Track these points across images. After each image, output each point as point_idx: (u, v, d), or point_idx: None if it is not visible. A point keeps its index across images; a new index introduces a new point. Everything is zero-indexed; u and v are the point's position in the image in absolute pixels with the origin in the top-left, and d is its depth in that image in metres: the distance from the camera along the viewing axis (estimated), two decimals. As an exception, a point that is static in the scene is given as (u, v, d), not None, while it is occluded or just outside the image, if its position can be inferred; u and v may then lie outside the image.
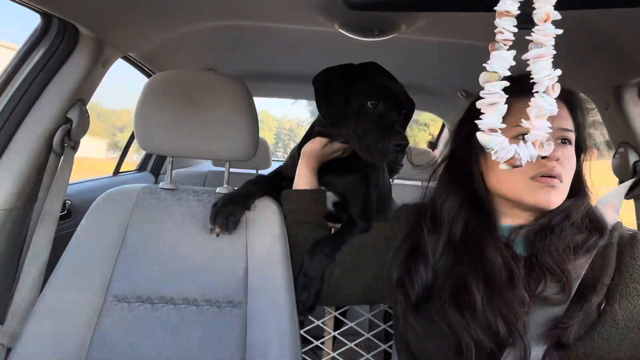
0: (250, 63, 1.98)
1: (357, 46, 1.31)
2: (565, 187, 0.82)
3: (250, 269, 1.10)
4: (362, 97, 1.12)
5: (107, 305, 1.04)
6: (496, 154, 0.57)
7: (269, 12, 1.21)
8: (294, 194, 1.18)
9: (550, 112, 0.54)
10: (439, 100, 2.48)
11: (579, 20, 0.94)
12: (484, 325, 0.76)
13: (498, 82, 0.55)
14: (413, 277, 0.85)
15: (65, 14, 1.06)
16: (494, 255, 0.80)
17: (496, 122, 0.56)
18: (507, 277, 0.79)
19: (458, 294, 0.80)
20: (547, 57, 0.53)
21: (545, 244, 0.80)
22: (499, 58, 0.54)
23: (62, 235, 1.14)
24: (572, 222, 0.82)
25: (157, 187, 1.19)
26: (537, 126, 0.55)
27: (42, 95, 1.13)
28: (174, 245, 1.11)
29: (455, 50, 1.52)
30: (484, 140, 0.57)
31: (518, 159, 0.57)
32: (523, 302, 0.76)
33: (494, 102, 0.55)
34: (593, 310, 0.75)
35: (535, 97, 0.55)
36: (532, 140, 0.56)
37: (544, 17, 0.51)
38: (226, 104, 1.17)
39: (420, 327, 0.83)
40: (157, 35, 1.38)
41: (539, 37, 0.52)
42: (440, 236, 0.87)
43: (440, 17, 1.13)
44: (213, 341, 1.04)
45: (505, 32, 0.53)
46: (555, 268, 0.77)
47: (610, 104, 1.24)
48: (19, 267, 1.10)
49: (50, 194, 1.14)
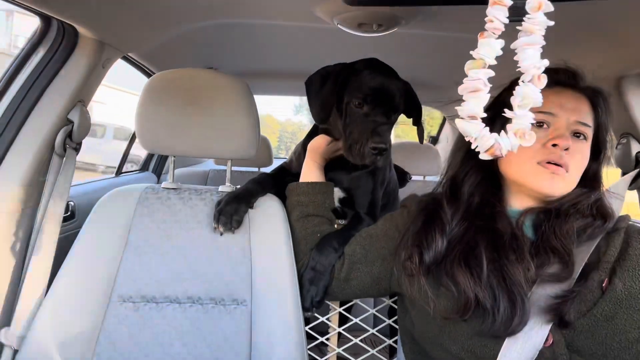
0: (250, 61, 1.98)
1: (356, 42, 1.30)
2: (571, 178, 0.84)
3: (254, 266, 1.10)
4: (348, 96, 1.11)
5: (112, 305, 1.05)
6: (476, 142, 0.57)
7: (269, 10, 1.21)
8: (303, 186, 1.18)
9: (534, 102, 0.54)
10: (439, 95, 2.47)
11: (580, 11, 0.93)
12: (486, 286, 0.79)
13: (483, 69, 0.55)
14: (429, 241, 0.89)
15: (64, 15, 1.06)
16: (505, 227, 0.84)
17: (477, 110, 0.56)
18: (514, 250, 0.81)
19: (467, 256, 0.83)
20: (536, 46, 0.52)
21: (551, 225, 0.82)
22: (487, 46, 0.54)
23: (66, 236, 1.15)
24: (579, 210, 0.84)
25: (160, 187, 1.19)
26: (520, 115, 0.55)
27: (43, 97, 1.14)
28: (177, 244, 1.11)
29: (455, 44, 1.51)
30: (463, 127, 0.57)
31: (498, 149, 0.56)
32: (527, 278, 0.79)
33: (477, 90, 0.55)
34: (595, 287, 0.77)
35: (520, 85, 0.54)
36: (514, 130, 0.55)
37: (536, 6, 0.51)
38: (227, 103, 1.17)
39: (429, 287, 0.86)
40: (157, 35, 1.37)
41: (528, 25, 0.52)
42: (459, 206, 0.90)
43: (439, 11, 1.13)
44: (218, 339, 1.04)
45: (495, 20, 0.53)
46: (560, 248, 0.80)
47: (612, 95, 1.24)
48: (23, 269, 1.10)
49: (53, 195, 1.15)
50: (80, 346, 1.01)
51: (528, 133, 0.56)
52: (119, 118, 7.79)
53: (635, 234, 0.82)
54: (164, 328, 1.05)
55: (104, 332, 1.03)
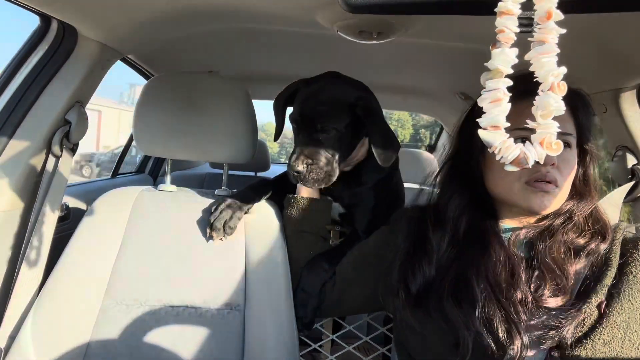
0: (249, 66, 1.98)
1: (356, 49, 1.31)
2: (562, 192, 0.82)
3: (248, 272, 1.10)
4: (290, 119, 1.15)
5: (106, 307, 1.04)
6: (500, 153, 0.56)
7: (269, 15, 1.21)
8: (300, 201, 1.16)
9: (557, 109, 0.53)
10: (437, 103, 2.48)
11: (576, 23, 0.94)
12: (482, 320, 0.75)
13: (502, 79, 0.55)
14: (416, 272, 0.85)
15: (65, 16, 1.06)
16: (497, 253, 0.80)
17: (500, 119, 0.55)
18: (509, 275, 0.78)
19: (458, 288, 0.79)
20: (551, 54, 0.52)
21: (546, 246, 0.80)
22: (501, 55, 0.54)
23: (61, 237, 1.14)
24: (575, 224, 0.82)
25: (156, 189, 1.19)
26: (545, 125, 0.55)
27: (41, 97, 1.13)
28: (172, 248, 1.11)
29: (454, 53, 1.52)
30: (486, 137, 0.56)
31: (524, 159, 0.56)
32: (524, 302, 0.76)
33: (497, 99, 0.55)
34: (593, 312, 0.75)
35: (539, 95, 0.54)
36: (540, 140, 0.55)
37: (545, 15, 0.51)
38: (225, 106, 1.17)
39: (418, 322, 0.83)
40: (156, 37, 1.38)
41: (540, 35, 0.52)
42: (444, 233, 0.87)
43: (440, 20, 1.13)
44: (211, 344, 1.04)
45: (506, 30, 0.53)
46: (556, 269, 0.77)
47: (608, 108, 1.24)
48: (17, 269, 1.09)
49: (48, 196, 1.14)
50: (72, 348, 1.00)
51: (555, 142, 0.54)
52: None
53: (630, 250, 0.79)
54: (157, 332, 1.04)
55: (96, 334, 1.02)
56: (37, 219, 1.12)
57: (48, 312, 1.01)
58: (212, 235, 1.10)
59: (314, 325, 1.10)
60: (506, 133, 0.56)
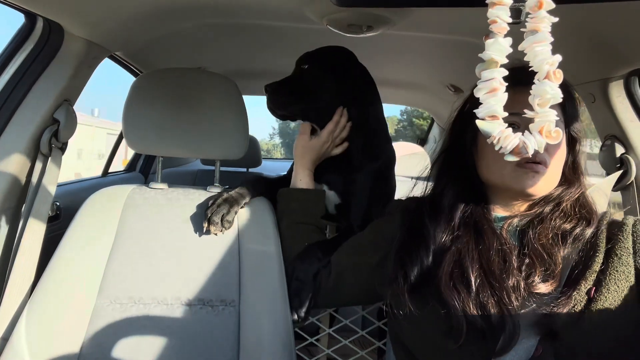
0: (239, 61, 1.97)
1: (346, 43, 1.31)
2: (552, 174, 0.83)
3: (242, 267, 1.10)
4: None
5: (99, 306, 1.04)
6: (499, 143, 0.56)
7: (257, 10, 1.20)
8: (294, 192, 1.17)
9: (554, 98, 0.53)
10: (427, 96, 2.49)
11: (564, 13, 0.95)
12: (476, 305, 0.77)
13: (497, 69, 0.55)
14: (413, 259, 0.86)
15: (50, 13, 1.05)
16: (490, 240, 0.82)
17: (497, 109, 0.55)
18: (502, 262, 0.80)
19: (454, 274, 0.81)
20: (544, 43, 0.52)
21: (536, 232, 0.82)
22: (495, 45, 0.54)
23: (52, 237, 1.13)
24: (562, 210, 0.84)
25: (147, 187, 1.18)
26: (543, 113, 0.55)
27: (28, 96, 1.12)
28: (165, 245, 1.10)
29: (443, 46, 1.52)
30: (484, 127, 0.56)
31: (524, 148, 0.56)
32: (516, 288, 0.77)
33: (494, 89, 0.55)
34: (583, 298, 0.76)
35: (535, 84, 0.54)
36: (539, 128, 0.55)
37: (536, 4, 0.51)
38: (215, 102, 1.17)
39: (415, 308, 0.84)
40: (144, 34, 1.36)
41: (533, 24, 0.52)
42: (440, 222, 0.88)
43: (429, 12, 1.14)
44: (206, 340, 1.04)
45: (499, 20, 0.53)
46: (545, 256, 0.79)
47: (596, 97, 1.25)
48: (8, 270, 1.08)
49: (38, 195, 1.13)
50: (65, 348, 0.99)
51: (554, 130, 0.55)
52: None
53: (616, 233, 0.81)
54: (151, 329, 1.04)
55: (90, 333, 1.01)
56: (27, 219, 1.11)
57: (41, 312, 1.00)
58: (209, 230, 1.09)
59: (309, 316, 1.09)
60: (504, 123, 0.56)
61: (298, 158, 1.21)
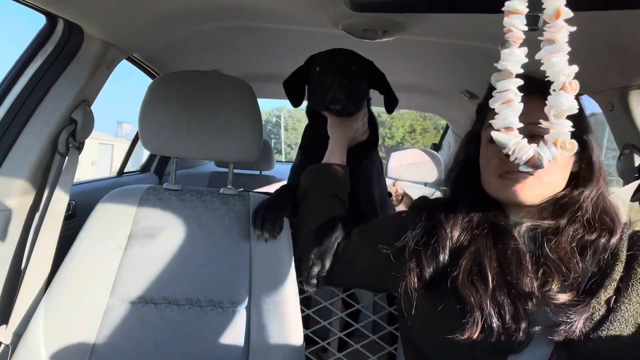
0: (254, 64, 1.98)
1: (361, 47, 1.31)
2: (540, 180, 0.80)
3: (253, 270, 1.10)
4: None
5: (112, 306, 1.05)
6: (514, 154, 0.56)
7: (273, 14, 1.21)
8: (330, 166, 1.18)
9: (570, 109, 0.53)
10: (442, 102, 2.47)
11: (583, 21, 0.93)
12: (493, 303, 0.76)
13: (511, 79, 0.54)
14: (430, 257, 0.86)
15: (71, 15, 1.06)
16: (508, 240, 0.82)
17: (512, 120, 0.55)
18: (518, 263, 0.79)
19: (472, 271, 0.81)
20: (561, 53, 0.52)
21: (552, 245, 0.80)
22: (511, 55, 0.53)
23: (67, 235, 1.15)
24: (583, 218, 0.81)
25: (161, 188, 1.19)
26: (558, 124, 0.54)
27: (47, 96, 1.14)
28: (177, 246, 1.11)
29: (459, 52, 1.51)
30: (499, 139, 0.56)
31: (539, 160, 0.55)
32: (531, 290, 0.77)
33: (509, 100, 0.54)
34: (601, 307, 0.74)
35: (552, 94, 0.54)
36: (554, 140, 0.55)
37: (554, 14, 0.50)
38: (230, 105, 1.17)
39: (429, 305, 0.83)
40: (162, 36, 1.38)
41: (550, 34, 0.51)
42: (457, 222, 0.88)
43: (444, 18, 1.13)
44: (216, 342, 1.04)
45: (515, 30, 0.52)
46: (562, 267, 0.77)
47: (615, 106, 1.24)
48: (23, 268, 1.10)
49: (55, 194, 1.14)
50: (77, 346, 1.00)
51: (569, 142, 0.54)
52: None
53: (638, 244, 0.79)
54: (162, 329, 1.04)
55: (101, 332, 1.02)
56: (43, 217, 1.12)
57: (54, 310, 1.01)
58: (263, 236, 1.10)
59: (328, 281, 1.08)
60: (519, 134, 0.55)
61: (334, 134, 1.24)
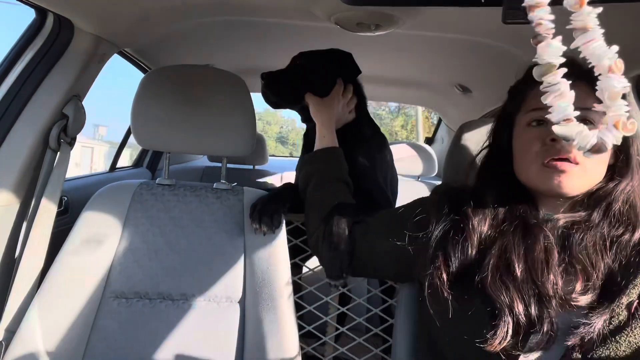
0: (247, 58, 1.97)
1: (354, 41, 1.31)
2: (584, 170, 0.77)
3: (248, 264, 1.10)
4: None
5: (105, 301, 1.05)
6: (578, 144, 0.55)
7: (266, 7, 1.20)
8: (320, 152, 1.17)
9: (623, 89, 0.52)
10: (435, 95, 2.48)
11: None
12: (520, 301, 0.74)
13: (557, 72, 0.54)
14: (457, 252, 0.83)
15: (61, 8, 1.05)
16: (537, 236, 0.78)
17: (569, 111, 0.54)
18: (545, 261, 0.76)
19: (500, 268, 0.78)
20: (597, 39, 0.51)
21: (581, 239, 0.77)
22: (548, 48, 0.53)
23: (59, 231, 1.14)
24: (612, 212, 0.78)
25: (155, 183, 1.19)
26: (614, 107, 0.53)
27: (38, 91, 1.13)
28: (171, 241, 1.11)
29: (452, 45, 1.52)
30: (561, 132, 0.56)
31: (603, 145, 0.55)
32: (556, 289, 0.74)
33: (560, 92, 0.54)
34: (622, 312, 0.71)
35: (600, 79, 0.53)
36: (614, 122, 0.54)
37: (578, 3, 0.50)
38: (223, 100, 1.17)
39: (455, 302, 0.80)
40: (154, 30, 1.37)
41: (580, 23, 0.51)
42: (485, 217, 0.84)
43: (437, 12, 1.13)
44: (211, 337, 1.04)
45: (544, 22, 0.52)
46: (588, 267, 0.75)
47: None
48: (16, 264, 1.09)
49: (47, 190, 1.14)
50: (71, 342, 1.00)
51: (629, 122, 0.54)
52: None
53: None
54: (157, 325, 1.04)
55: (95, 328, 1.02)
56: (35, 213, 1.12)
57: (47, 306, 1.01)
58: (261, 230, 1.10)
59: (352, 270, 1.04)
60: (580, 123, 0.55)
61: (318, 118, 1.23)
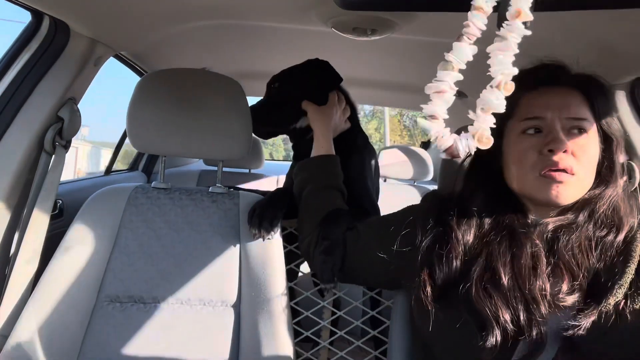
0: (243, 62, 1.98)
1: (350, 45, 1.31)
2: (581, 179, 0.78)
3: (243, 268, 1.10)
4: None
5: (99, 305, 1.04)
6: (436, 142, 0.58)
7: (262, 11, 1.21)
8: (316, 159, 1.18)
9: (497, 107, 0.54)
10: (431, 100, 2.48)
11: (568, 20, 0.94)
12: (507, 310, 0.73)
13: (451, 72, 0.55)
14: (441, 264, 0.82)
15: (57, 11, 1.05)
16: (524, 243, 0.78)
17: (439, 110, 0.56)
18: (532, 267, 0.76)
19: (485, 278, 0.77)
20: (507, 52, 0.52)
21: (568, 241, 0.77)
22: (460, 51, 0.54)
23: (54, 234, 1.14)
24: (598, 216, 0.79)
25: (150, 187, 1.19)
26: (481, 119, 0.55)
27: (33, 94, 1.12)
28: (166, 245, 1.10)
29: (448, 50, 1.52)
30: (424, 125, 0.59)
31: (456, 149, 0.56)
32: (543, 294, 0.74)
33: (442, 91, 0.55)
34: (610, 312, 0.72)
35: (485, 90, 0.54)
36: (473, 132, 0.56)
37: (514, 14, 0.51)
38: (219, 103, 1.17)
39: (441, 313, 0.80)
40: (150, 34, 1.37)
41: (504, 31, 0.52)
42: (470, 226, 0.84)
43: (433, 17, 1.13)
44: (206, 340, 1.04)
45: (472, 26, 0.53)
46: (574, 268, 0.75)
47: None
48: (9, 267, 1.09)
49: (41, 193, 1.13)
50: (65, 346, 1.00)
51: (486, 137, 0.55)
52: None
53: None
54: (151, 329, 1.04)
55: (90, 332, 1.02)
56: (29, 216, 1.11)
57: (41, 310, 1.01)
58: (260, 235, 1.09)
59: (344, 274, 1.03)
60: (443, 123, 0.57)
61: (317, 125, 1.24)
